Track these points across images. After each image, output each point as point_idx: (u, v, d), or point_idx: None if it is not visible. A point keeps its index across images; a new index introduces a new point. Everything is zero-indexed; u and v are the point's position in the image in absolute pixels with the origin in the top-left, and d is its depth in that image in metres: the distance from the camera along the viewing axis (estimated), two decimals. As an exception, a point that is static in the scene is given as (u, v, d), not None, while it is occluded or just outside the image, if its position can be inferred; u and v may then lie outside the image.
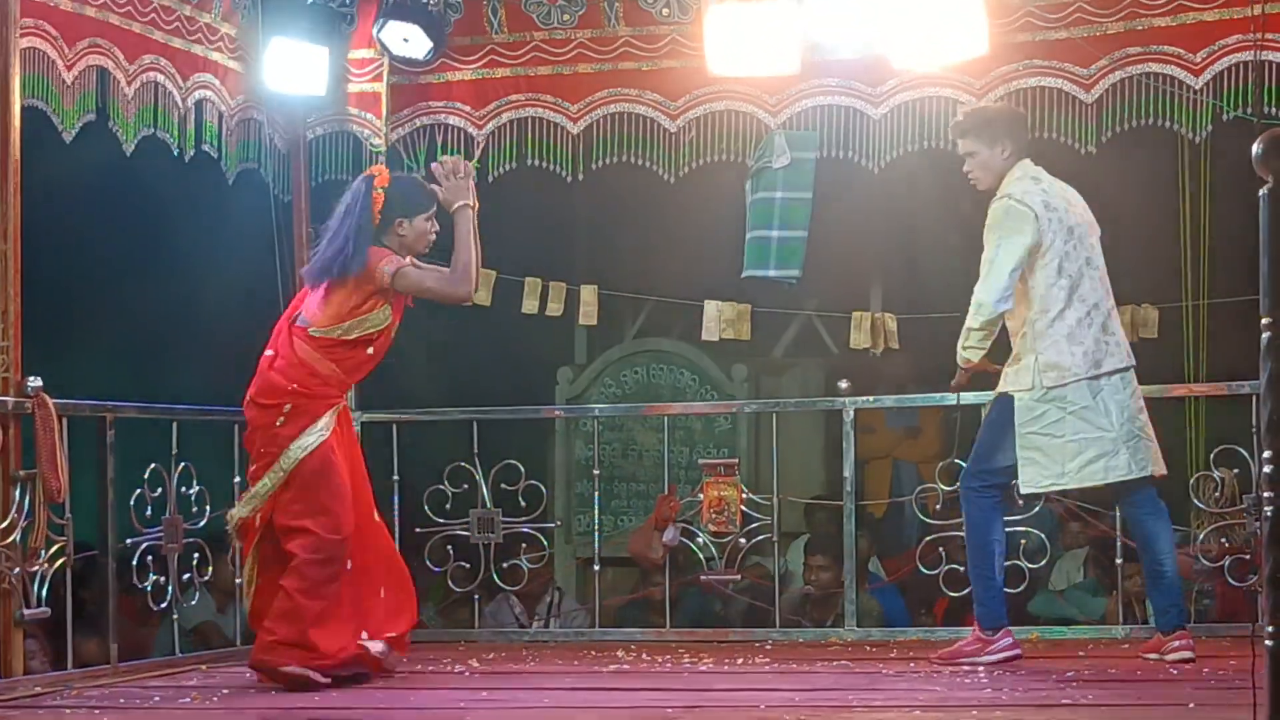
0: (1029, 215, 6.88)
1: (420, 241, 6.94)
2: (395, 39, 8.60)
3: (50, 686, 6.93)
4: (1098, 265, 7.03)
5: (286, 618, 6.71)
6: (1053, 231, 6.91)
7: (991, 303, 6.88)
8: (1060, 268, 6.91)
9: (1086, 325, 6.91)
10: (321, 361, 6.84)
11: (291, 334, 6.89)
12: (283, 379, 6.82)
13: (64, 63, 7.54)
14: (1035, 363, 6.91)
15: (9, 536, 6.83)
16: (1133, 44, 7.99)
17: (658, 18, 8.58)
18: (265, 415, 6.84)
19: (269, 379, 6.86)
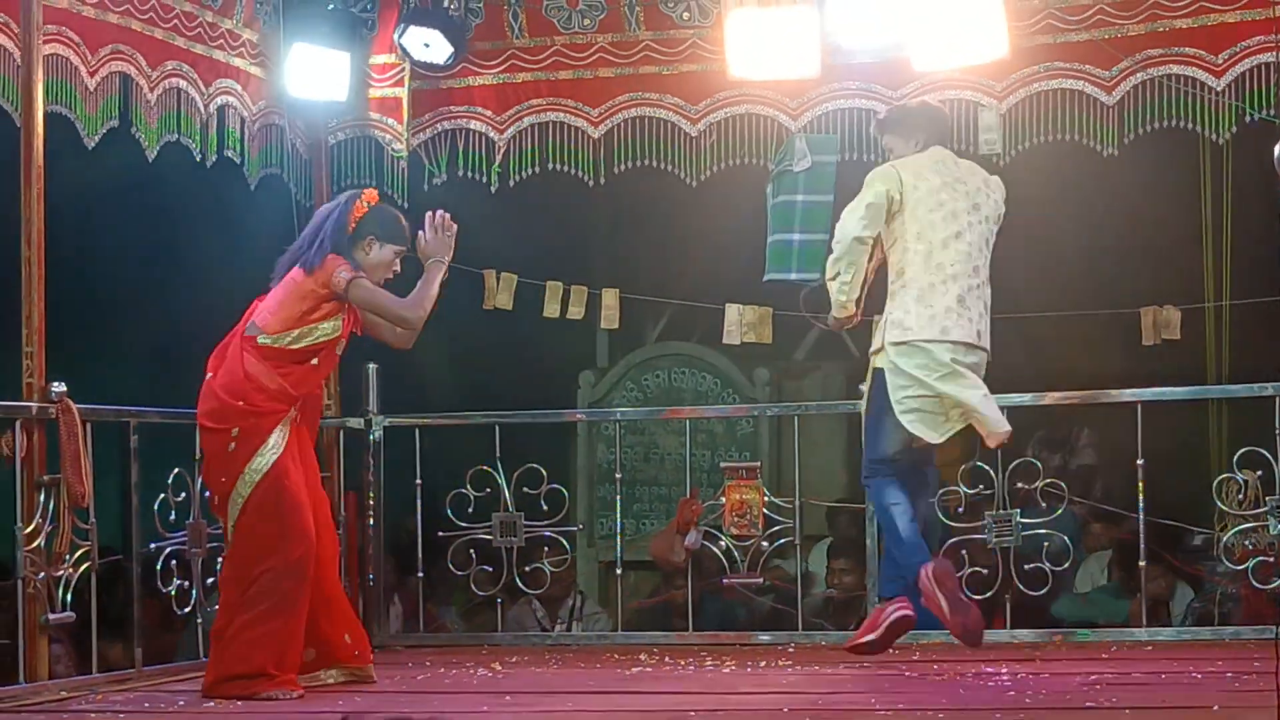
0: (884, 175, 7.06)
1: (379, 270, 6.83)
2: (416, 44, 8.60)
3: (75, 691, 6.93)
4: (969, 242, 7.05)
5: (258, 645, 6.57)
6: (915, 199, 6.99)
7: (837, 247, 7.19)
8: (919, 234, 6.99)
9: (940, 293, 6.97)
10: (269, 375, 6.69)
11: (241, 347, 6.76)
12: (229, 397, 6.67)
13: (87, 69, 7.56)
14: (884, 322, 7.04)
15: (34, 541, 6.85)
16: (1154, 46, 7.97)
17: (678, 22, 8.58)
18: (216, 440, 6.69)
19: (215, 400, 6.71)
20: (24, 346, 7.01)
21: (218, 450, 6.67)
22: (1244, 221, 9.60)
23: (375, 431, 8.74)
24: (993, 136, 8.17)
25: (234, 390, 6.67)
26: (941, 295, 6.96)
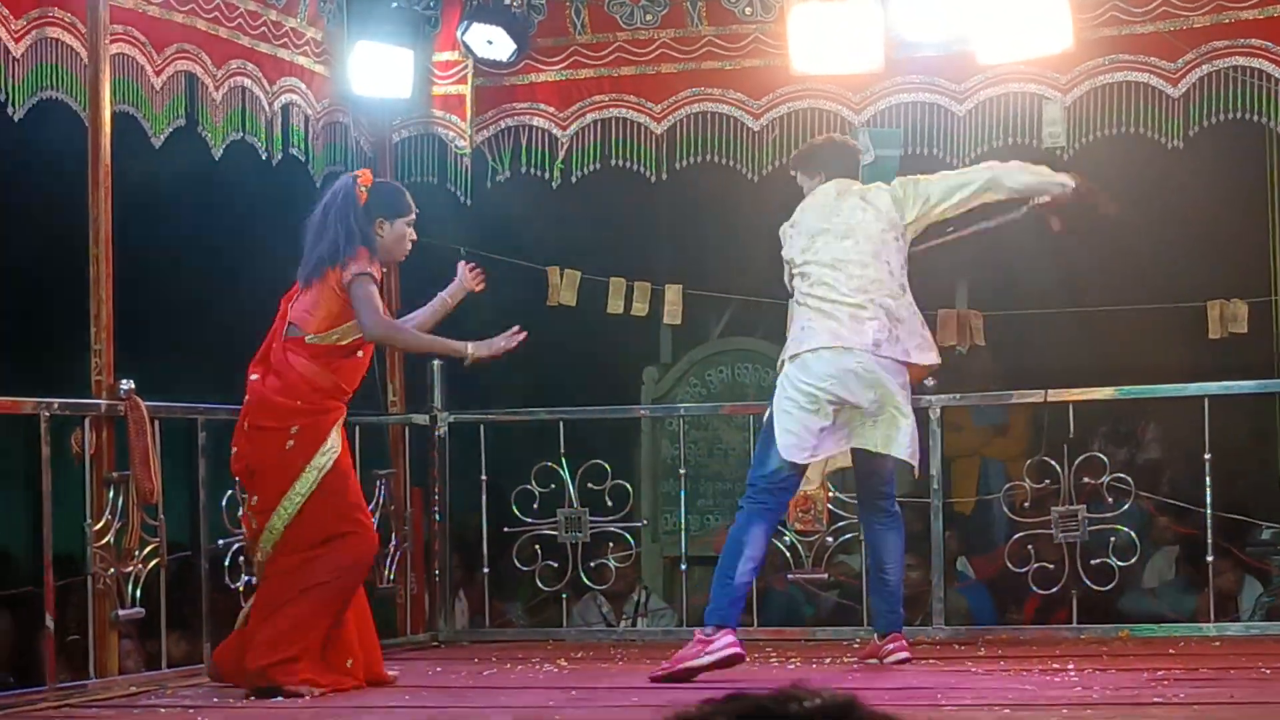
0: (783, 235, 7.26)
1: (399, 246, 6.84)
2: (479, 41, 8.62)
3: (145, 686, 6.98)
4: (847, 263, 7.07)
5: (300, 634, 6.56)
6: (791, 246, 7.22)
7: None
8: (804, 273, 7.12)
9: (822, 315, 7.01)
10: (322, 374, 6.69)
11: (286, 349, 6.73)
12: (284, 399, 6.65)
13: (153, 68, 7.60)
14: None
15: (103, 538, 6.89)
16: (1219, 38, 7.91)
17: (740, 17, 8.57)
18: (270, 440, 6.63)
19: (269, 401, 6.67)
20: (92, 344, 7.06)
21: (272, 450, 6.63)
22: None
23: (440, 428, 8.77)
24: (1057, 130, 8.13)
25: (290, 391, 6.66)
26: (824, 317, 7.12)
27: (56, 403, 6.83)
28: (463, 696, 6.66)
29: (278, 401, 6.65)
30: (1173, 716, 5.66)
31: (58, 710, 6.43)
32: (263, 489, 6.67)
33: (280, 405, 6.65)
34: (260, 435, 6.68)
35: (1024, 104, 8.19)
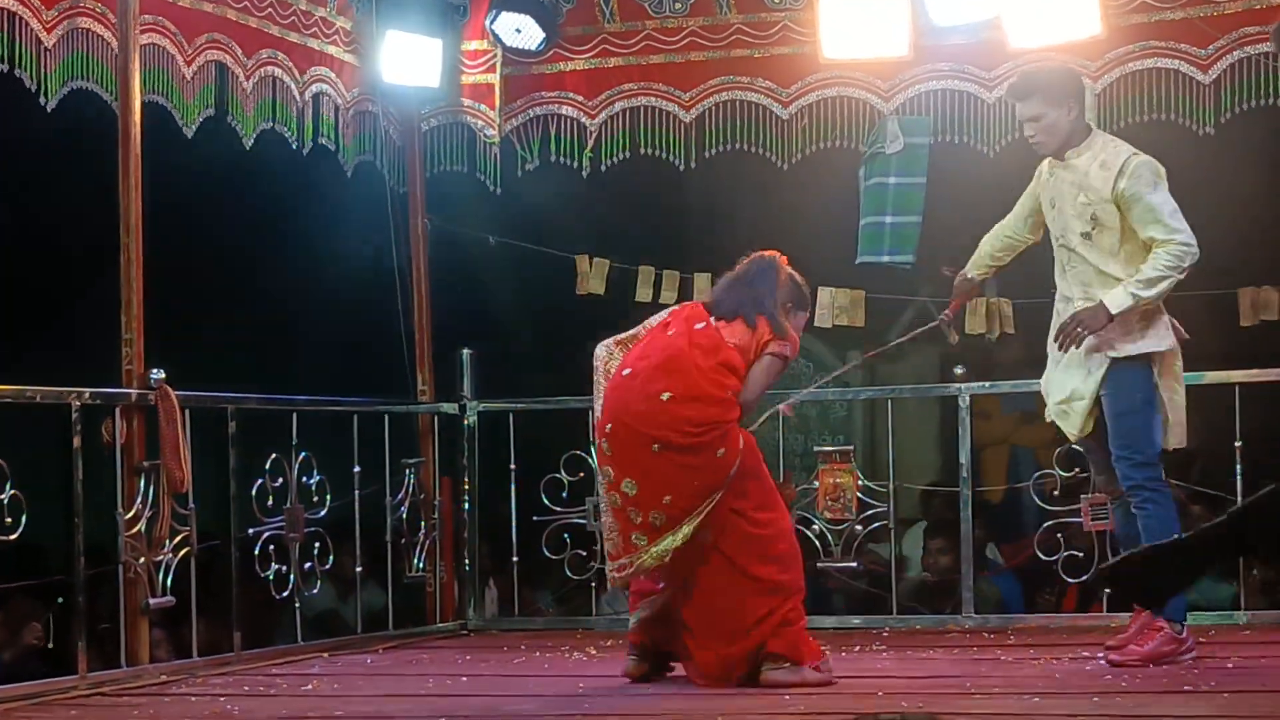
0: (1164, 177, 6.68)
1: (796, 333, 6.66)
2: (508, 30, 8.61)
3: (176, 674, 7.00)
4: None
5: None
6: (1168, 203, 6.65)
7: (1195, 245, 6.57)
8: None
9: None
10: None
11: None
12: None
13: (183, 58, 7.61)
14: (1168, 321, 6.73)
15: (134, 527, 6.91)
16: (1250, 23, 7.87)
17: (769, 4, 8.55)
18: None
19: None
20: (123, 333, 7.07)
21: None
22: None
23: (470, 417, 8.77)
24: (1088, 116, 8.08)
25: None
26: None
27: (88, 392, 6.84)
28: (492, 684, 6.66)
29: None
30: (1203, 704, 5.64)
31: (89, 699, 6.45)
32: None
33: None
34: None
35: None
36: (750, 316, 6.49)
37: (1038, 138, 6.77)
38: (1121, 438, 6.65)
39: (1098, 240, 6.64)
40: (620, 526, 6.35)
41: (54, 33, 7.02)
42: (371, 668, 7.40)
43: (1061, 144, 6.72)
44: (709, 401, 6.32)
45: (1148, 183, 6.57)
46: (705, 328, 6.49)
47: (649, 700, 6.12)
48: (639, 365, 6.43)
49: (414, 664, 7.51)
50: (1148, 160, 6.64)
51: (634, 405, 6.33)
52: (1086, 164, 6.67)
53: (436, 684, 6.72)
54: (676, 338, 6.47)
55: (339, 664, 7.50)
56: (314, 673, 7.16)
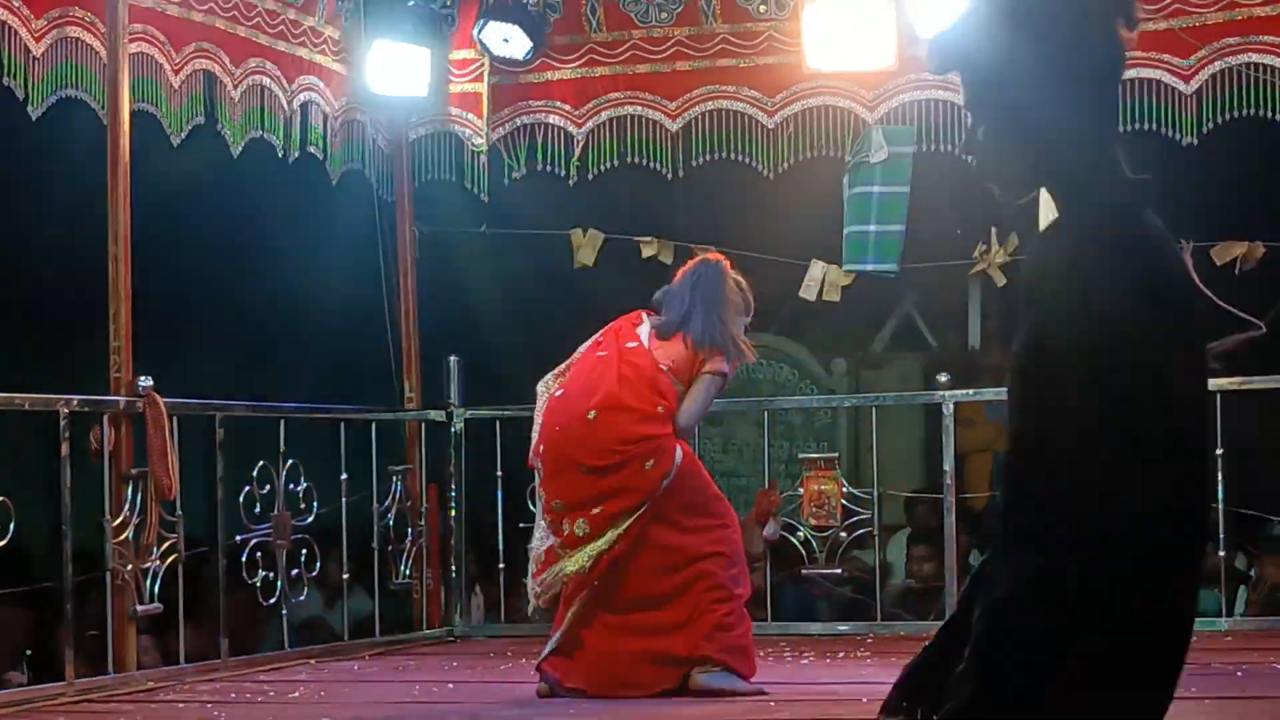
0: None
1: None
2: (496, 39, 8.61)
3: (163, 681, 6.99)
4: None
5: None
6: None
7: None
8: None
9: None
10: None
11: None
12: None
13: (171, 67, 7.61)
14: None
15: (122, 534, 6.90)
16: (1232, 34, 7.89)
17: (755, 14, 8.56)
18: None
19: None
20: (111, 341, 7.06)
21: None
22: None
23: (457, 424, 8.77)
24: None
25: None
26: None
27: (76, 400, 6.84)
28: (481, 692, 6.66)
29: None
30: (1184, 709, 5.64)
31: (77, 705, 6.44)
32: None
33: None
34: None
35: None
36: (689, 337, 6.40)
37: None
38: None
39: None
40: (549, 544, 6.38)
41: (43, 41, 7.02)
42: (358, 674, 7.40)
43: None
44: (635, 416, 6.28)
45: None
46: (637, 347, 6.43)
47: (635, 708, 6.12)
48: (571, 387, 6.45)
49: (400, 670, 7.52)
50: None
51: (563, 426, 6.35)
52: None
53: (423, 691, 6.72)
54: (607, 358, 6.44)
55: (326, 671, 7.50)
56: (301, 679, 7.16)
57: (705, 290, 6.49)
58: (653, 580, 6.29)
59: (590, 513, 6.23)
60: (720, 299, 6.48)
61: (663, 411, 6.32)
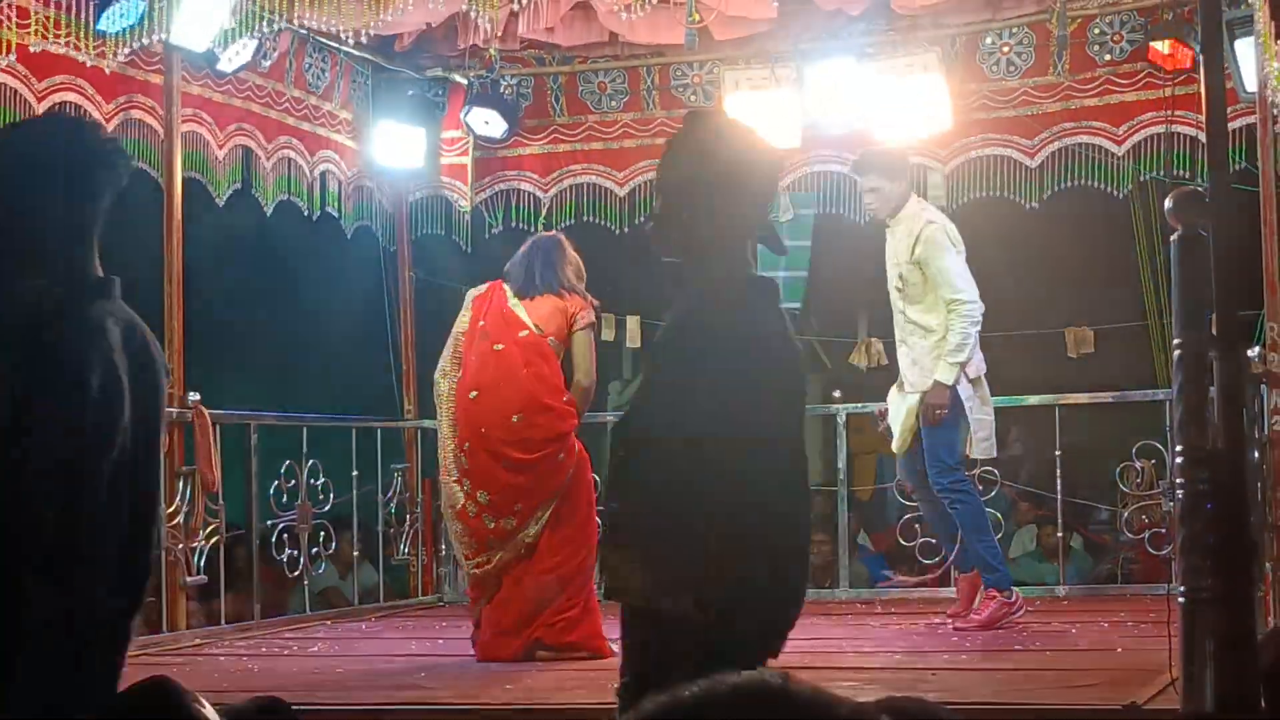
0: (957, 242, 6.68)
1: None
2: (478, 121, 8.62)
3: (207, 638, 6.96)
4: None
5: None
6: (962, 260, 6.68)
7: (977, 302, 6.56)
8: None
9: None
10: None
11: (542, 352, 6.13)
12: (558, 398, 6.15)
13: (216, 143, 7.60)
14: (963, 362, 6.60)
15: (174, 520, 6.88)
16: (1068, 120, 7.96)
17: (687, 103, 8.58)
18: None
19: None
20: (166, 364, 7.03)
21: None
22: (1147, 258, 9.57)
23: (446, 430, 8.73)
24: (939, 193, 8.16)
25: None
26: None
27: (137, 411, 6.80)
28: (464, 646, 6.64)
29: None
30: (1031, 660, 5.69)
31: (137, 658, 6.39)
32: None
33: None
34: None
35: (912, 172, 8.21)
36: (554, 288, 6.11)
37: (874, 205, 6.73)
38: (928, 449, 6.62)
39: (908, 294, 6.62)
40: (474, 530, 6.06)
41: (112, 121, 6.99)
42: (366, 632, 7.38)
43: (891, 211, 6.69)
44: (555, 415, 6.02)
45: (939, 246, 6.55)
46: (529, 334, 6.07)
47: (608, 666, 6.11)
48: (481, 384, 6.04)
49: (400, 629, 7.50)
50: (940, 227, 6.62)
51: (486, 426, 5.99)
52: (901, 230, 6.67)
53: (419, 645, 6.71)
54: (506, 351, 6.07)
55: (340, 629, 7.47)
56: (319, 636, 7.14)
57: (544, 251, 6.22)
58: (530, 571, 5.99)
59: (514, 508, 5.98)
60: (559, 257, 6.19)
61: (567, 403, 6.07)
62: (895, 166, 6.78)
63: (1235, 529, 3.35)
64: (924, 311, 6.57)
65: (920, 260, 6.53)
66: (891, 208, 6.68)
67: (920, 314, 6.58)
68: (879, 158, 6.87)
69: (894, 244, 6.68)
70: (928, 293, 6.56)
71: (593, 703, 4.85)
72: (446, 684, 5.52)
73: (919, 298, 6.58)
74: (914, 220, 6.61)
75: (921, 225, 6.56)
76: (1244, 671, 3.14)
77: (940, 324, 6.52)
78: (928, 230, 6.55)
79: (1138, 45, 7.69)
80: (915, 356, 6.60)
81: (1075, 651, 5.88)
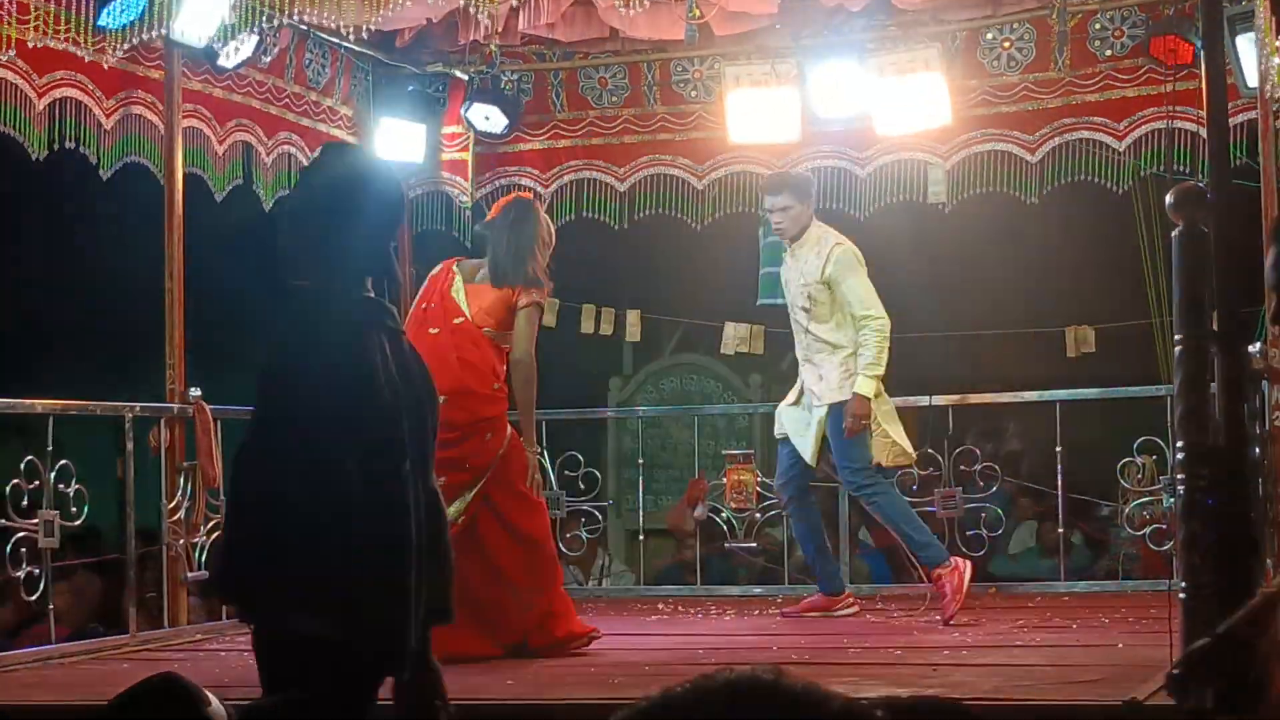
0: (863, 262, 6.91)
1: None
2: (479, 117, 8.62)
3: (208, 633, 6.97)
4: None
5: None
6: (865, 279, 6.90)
7: (885, 317, 6.81)
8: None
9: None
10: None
11: (476, 341, 6.07)
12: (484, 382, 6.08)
13: (216, 139, 7.60)
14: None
15: (175, 515, 6.89)
16: (1068, 116, 7.96)
17: (687, 99, 8.58)
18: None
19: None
20: (167, 359, 7.06)
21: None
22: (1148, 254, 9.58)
23: (446, 426, 8.73)
24: (939, 189, 8.17)
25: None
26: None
27: (138, 406, 6.84)
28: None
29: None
30: (1032, 655, 5.70)
31: (138, 652, 6.41)
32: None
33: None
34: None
35: (913, 168, 8.22)
36: (516, 283, 6.05)
37: (783, 225, 6.99)
38: (840, 455, 6.86)
39: (815, 313, 6.85)
40: None
41: (112, 117, 7.00)
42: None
43: (797, 231, 6.95)
44: (479, 399, 5.95)
45: (848, 267, 6.82)
46: (464, 322, 6.03)
47: (591, 655, 6.12)
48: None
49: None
50: (848, 248, 6.88)
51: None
52: (807, 251, 6.92)
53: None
54: (439, 336, 6.01)
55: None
56: (320, 632, 7.13)
57: (520, 227, 6.15)
58: (482, 569, 5.85)
59: (440, 483, 5.97)
60: (534, 239, 6.14)
61: (498, 390, 6.01)
62: (804, 188, 7.08)
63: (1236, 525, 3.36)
64: (832, 330, 6.87)
65: (830, 280, 6.82)
66: (799, 228, 6.96)
67: (828, 332, 6.87)
68: (792, 178, 7.18)
69: (799, 265, 6.97)
70: (835, 311, 6.86)
71: (594, 697, 4.86)
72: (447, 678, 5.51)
73: (826, 317, 6.87)
74: (821, 242, 6.91)
75: (830, 246, 6.87)
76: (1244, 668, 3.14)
77: (848, 341, 6.82)
78: (837, 251, 6.84)
79: (1139, 40, 7.70)
80: (823, 373, 6.88)
81: (1076, 647, 5.89)
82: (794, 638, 6.43)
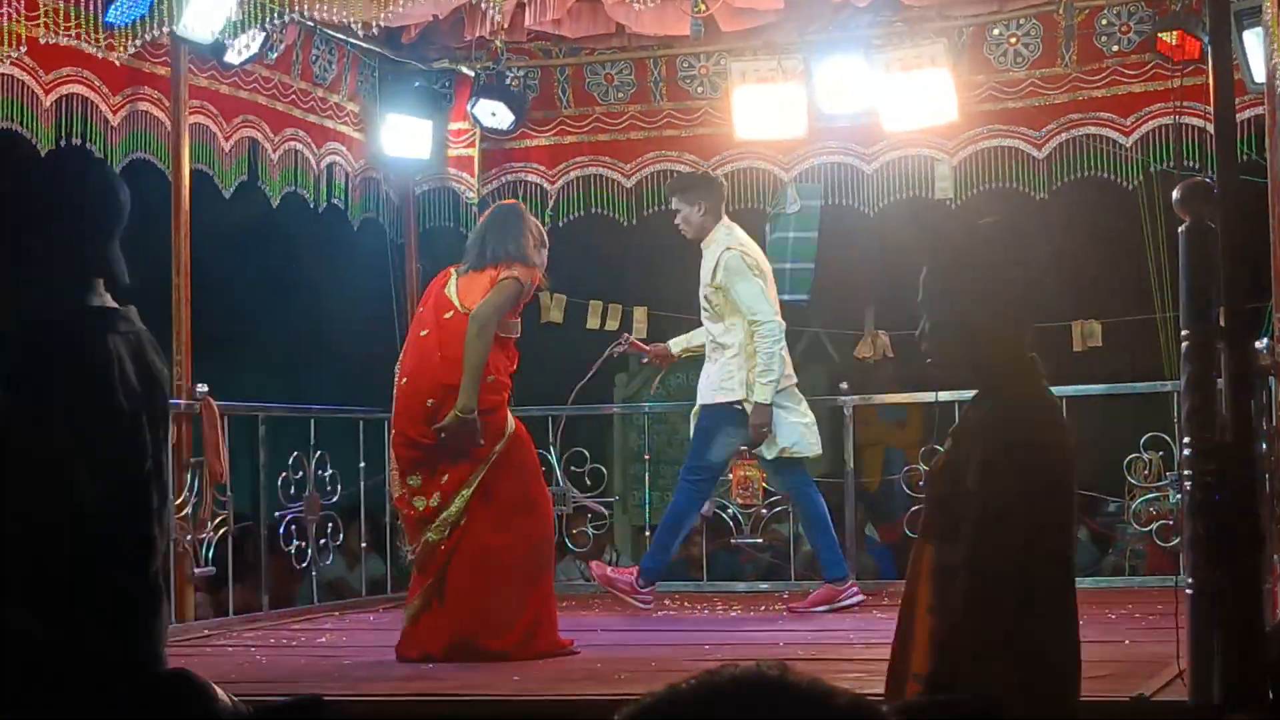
0: (756, 266, 7.09)
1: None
2: (485, 113, 8.62)
3: (215, 630, 6.98)
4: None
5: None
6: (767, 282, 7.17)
7: (776, 321, 7.02)
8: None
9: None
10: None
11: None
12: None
13: (223, 135, 7.60)
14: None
15: (182, 510, 6.89)
16: (1075, 111, 7.95)
17: (693, 95, 8.58)
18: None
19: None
20: (174, 355, 7.06)
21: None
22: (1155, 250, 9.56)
23: (453, 422, 8.74)
24: (946, 185, 8.16)
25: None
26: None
27: (145, 402, 6.81)
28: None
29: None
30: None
31: (145, 649, 6.40)
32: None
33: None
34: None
35: (920, 164, 8.21)
36: (501, 259, 5.99)
37: (682, 227, 7.28)
38: (693, 449, 7.29)
39: (711, 314, 7.16)
40: (407, 515, 6.00)
41: (119, 114, 7.00)
42: (374, 624, 7.38)
43: (696, 234, 7.21)
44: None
45: (735, 272, 7.05)
46: (453, 316, 5.96)
47: (598, 650, 6.12)
48: (410, 371, 6.03)
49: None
50: (737, 254, 7.08)
51: (409, 411, 5.94)
52: (709, 254, 7.17)
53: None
54: (428, 337, 6.00)
55: (347, 621, 7.49)
56: (327, 628, 7.15)
57: (500, 222, 6.15)
58: (483, 567, 5.83)
59: (440, 483, 5.85)
60: (516, 227, 6.10)
61: (493, 381, 5.95)
62: (706, 191, 7.27)
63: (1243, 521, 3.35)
64: (724, 331, 7.12)
65: (720, 285, 7.06)
66: (702, 232, 7.19)
67: (721, 333, 7.13)
68: (693, 181, 7.41)
69: (702, 267, 7.20)
70: (730, 314, 7.07)
71: (599, 693, 4.86)
72: (454, 675, 5.53)
73: (719, 318, 7.12)
74: (718, 246, 7.11)
75: (721, 251, 7.06)
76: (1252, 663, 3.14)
77: (736, 343, 7.04)
78: (725, 256, 7.05)
79: (1145, 36, 7.68)
80: (709, 372, 7.15)
81: (1082, 643, 5.87)
82: (799, 632, 6.43)
